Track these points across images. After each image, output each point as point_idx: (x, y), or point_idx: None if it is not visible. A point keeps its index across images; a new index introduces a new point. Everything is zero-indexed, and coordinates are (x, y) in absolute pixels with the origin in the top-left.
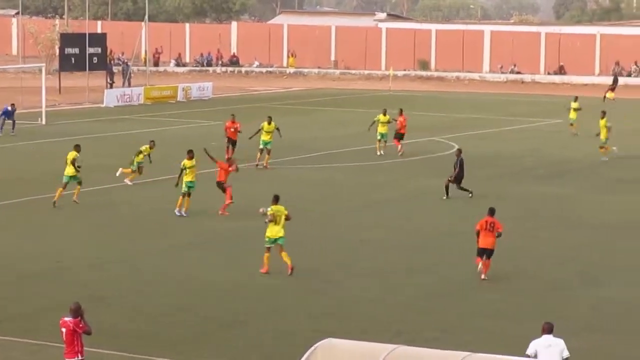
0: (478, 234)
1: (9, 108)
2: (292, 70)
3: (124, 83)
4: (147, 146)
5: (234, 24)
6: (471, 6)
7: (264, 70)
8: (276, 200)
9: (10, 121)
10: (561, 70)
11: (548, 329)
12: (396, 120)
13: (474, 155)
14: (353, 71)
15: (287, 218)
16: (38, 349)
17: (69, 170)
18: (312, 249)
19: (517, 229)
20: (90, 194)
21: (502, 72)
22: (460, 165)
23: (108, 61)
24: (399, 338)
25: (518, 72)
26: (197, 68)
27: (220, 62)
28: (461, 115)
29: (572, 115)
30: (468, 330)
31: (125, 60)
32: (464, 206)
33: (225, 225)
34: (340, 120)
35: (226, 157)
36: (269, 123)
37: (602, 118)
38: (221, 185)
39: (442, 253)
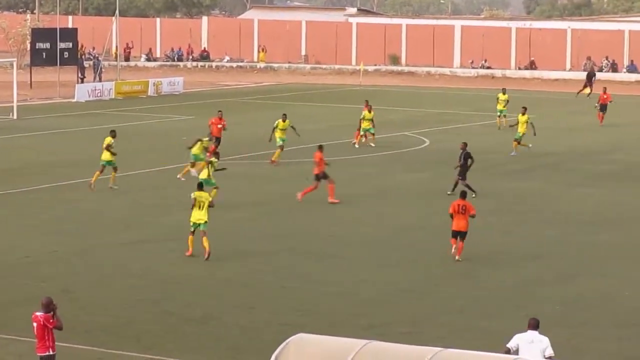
0: (452, 216)
1: None
2: (262, 65)
3: (94, 78)
4: (207, 138)
5: (205, 18)
6: (441, 1)
7: (234, 65)
8: (200, 187)
9: None
10: (532, 65)
11: (534, 325)
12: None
13: (444, 150)
14: (324, 66)
15: (211, 205)
16: (7, 343)
17: (105, 156)
18: (283, 243)
19: (490, 224)
20: (59, 188)
21: (473, 67)
22: (464, 159)
23: (79, 56)
24: (369, 333)
25: (489, 67)
26: (168, 63)
27: (191, 57)
28: (432, 110)
29: (500, 107)
30: (440, 325)
31: (96, 55)
32: (436, 201)
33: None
34: (311, 115)
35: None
36: (284, 120)
37: (523, 114)
38: (321, 176)
39: (414, 248)
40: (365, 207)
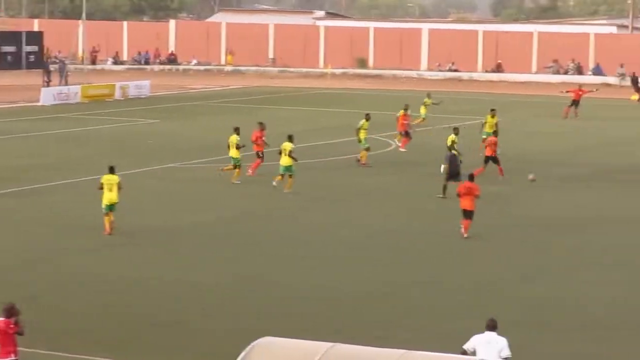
0: (459, 195)
1: None
2: (230, 68)
3: (60, 81)
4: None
5: (172, 22)
6: (409, 4)
7: (202, 68)
8: (111, 170)
9: None
10: (499, 68)
11: (491, 326)
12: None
13: (410, 152)
14: (291, 69)
15: (119, 187)
16: None
17: None
18: (249, 247)
19: (453, 226)
20: (24, 193)
21: (440, 70)
22: (450, 161)
23: (45, 59)
24: (337, 336)
25: (455, 70)
26: (135, 66)
27: (158, 60)
28: (399, 113)
29: (423, 110)
30: (406, 328)
31: (62, 59)
32: (405, 203)
33: (155, 224)
34: (280, 118)
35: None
36: (367, 120)
37: (492, 117)
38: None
39: (381, 251)
40: (332, 210)
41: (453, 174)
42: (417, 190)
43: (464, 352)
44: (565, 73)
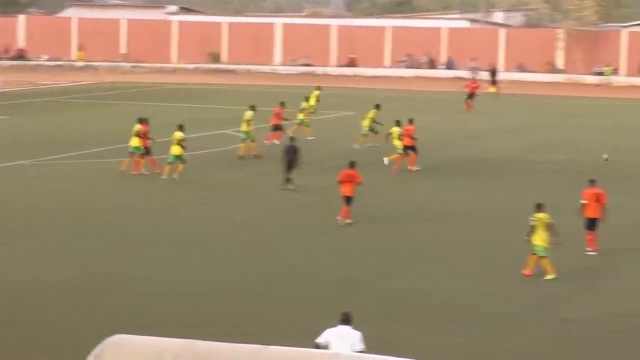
0: (340, 182)
1: None
2: (81, 63)
3: None
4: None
5: (22, 17)
6: None
7: (53, 64)
8: None
9: None
10: (352, 63)
11: (343, 320)
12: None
13: (264, 147)
14: (144, 64)
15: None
16: None
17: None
18: (102, 243)
19: (311, 222)
20: None
21: (294, 65)
22: (287, 152)
23: None
24: (190, 332)
25: (309, 65)
26: None
27: (6, 56)
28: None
29: (313, 101)
30: (260, 323)
31: None
32: (258, 198)
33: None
34: (132, 114)
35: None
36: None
37: (375, 109)
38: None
39: (233, 245)
40: (187, 205)
41: (291, 164)
42: (265, 185)
43: (317, 346)
44: (419, 67)
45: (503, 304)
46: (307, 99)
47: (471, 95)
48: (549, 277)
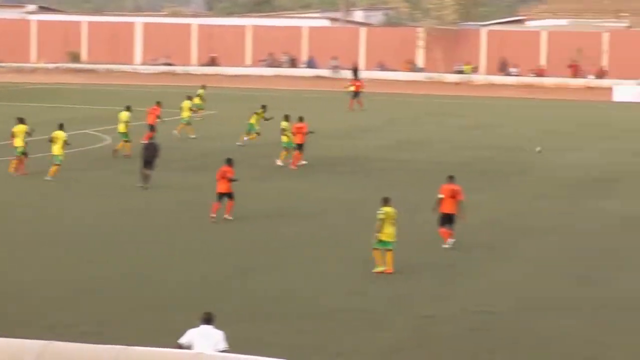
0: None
1: None
2: None
3: None
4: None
5: None
6: None
7: None
8: None
9: None
10: (213, 62)
11: (205, 319)
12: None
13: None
14: (3, 64)
15: None
16: None
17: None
18: None
19: (171, 220)
20: None
21: (155, 64)
22: (146, 149)
23: None
24: (51, 333)
25: (170, 64)
26: None
27: None
28: (112, 107)
29: (197, 101)
30: (125, 324)
31: None
32: (115, 198)
33: None
34: None
35: None
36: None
37: (258, 114)
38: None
39: (87, 246)
40: (47, 204)
41: (148, 161)
42: (130, 184)
43: (180, 346)
44: (280, 66)
45: (363, 301)
46: (189, 98)
47: (356, 95)
48: (380, 268)
